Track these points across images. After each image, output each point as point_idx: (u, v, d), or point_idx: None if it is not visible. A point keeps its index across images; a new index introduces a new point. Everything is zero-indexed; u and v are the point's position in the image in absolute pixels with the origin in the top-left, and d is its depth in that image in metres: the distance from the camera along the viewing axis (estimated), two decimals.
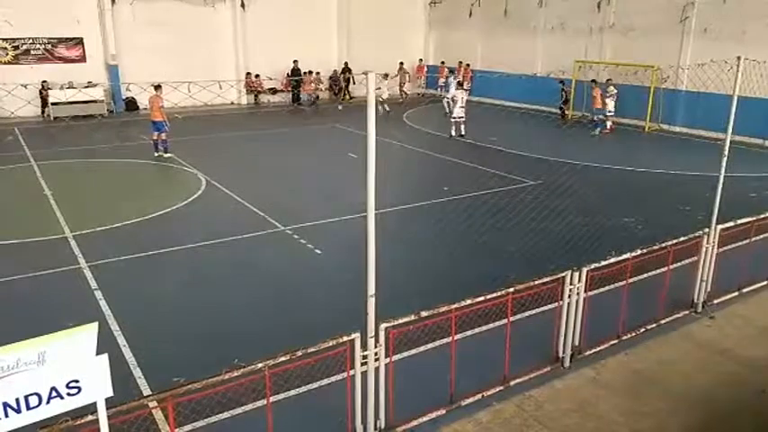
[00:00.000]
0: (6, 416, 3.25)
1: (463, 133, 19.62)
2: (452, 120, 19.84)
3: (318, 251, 9.99)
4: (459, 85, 21.63)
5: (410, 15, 31.09)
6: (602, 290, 7.39)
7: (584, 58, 23.72)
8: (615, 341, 7.08)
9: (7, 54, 22.53)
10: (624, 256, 6.96)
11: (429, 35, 31.81)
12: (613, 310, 7.16)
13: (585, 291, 6.51)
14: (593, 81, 21.58)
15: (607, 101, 20.64)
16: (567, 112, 23.25)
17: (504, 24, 27.10)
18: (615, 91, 20.74)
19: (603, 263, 6.76)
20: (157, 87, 16.23)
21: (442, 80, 29.53)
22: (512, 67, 25.33)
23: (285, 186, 14.23)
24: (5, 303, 8.08)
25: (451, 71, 27.46)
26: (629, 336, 7.19)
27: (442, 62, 30.26)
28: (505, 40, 27.09)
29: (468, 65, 28.75)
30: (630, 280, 7.19)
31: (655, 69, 21.01)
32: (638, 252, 7.08)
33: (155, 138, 16.68)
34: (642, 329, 7.36)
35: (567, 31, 24.46)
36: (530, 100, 25.59)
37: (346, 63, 28.68)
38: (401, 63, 29.24)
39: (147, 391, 6.05)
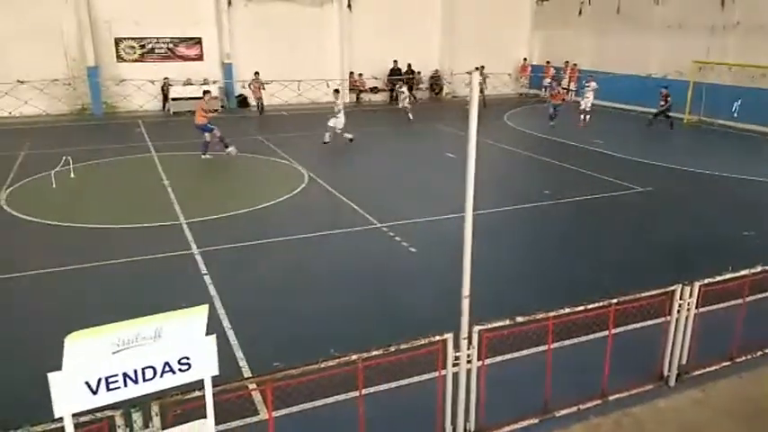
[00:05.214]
0: (125, 385, 3.54)
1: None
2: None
3: (413, 249, 10.05)
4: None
5: (516, 14, 30.50)
6: (714, 307, 6.88)
7: (704, 58, 22.17)
8: (728, 363, 6.58)
9: (135, 52, 24.43)
10: (742, 273, 6.44)
11: (534, 34, 31.03)
12: (727, 329, 6.64)
13: (697, 307, 6.10)
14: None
15: (588, 94, 22.19)
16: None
17: (616, 23, 25.90)
18: (596, 85, 22.33)
19: (718, 278, 6.29)
20: (206, 93, 16.95)
21: (547, 80, 28.76)
22: (622, 67, 24.17)
23: (383, 184, 14.41)
24: (129, 280, 8.78)
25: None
26: (743, 358, 6.66)
27: (548, 62, 29.44)
28: (617, 39, 25.89)
29: (575, 64, 27.76)
30: (748, 298, 6.65)
31: None
32: (759, 269, 6.53)
33: (208, 139, 16.26)
34: (759, 353, 6.79)
35: (686, 30, 22.96)
36: (638, 101, 24.31)
37: (395, 62, 27.79)
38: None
39: (247, 372, 6.34)
